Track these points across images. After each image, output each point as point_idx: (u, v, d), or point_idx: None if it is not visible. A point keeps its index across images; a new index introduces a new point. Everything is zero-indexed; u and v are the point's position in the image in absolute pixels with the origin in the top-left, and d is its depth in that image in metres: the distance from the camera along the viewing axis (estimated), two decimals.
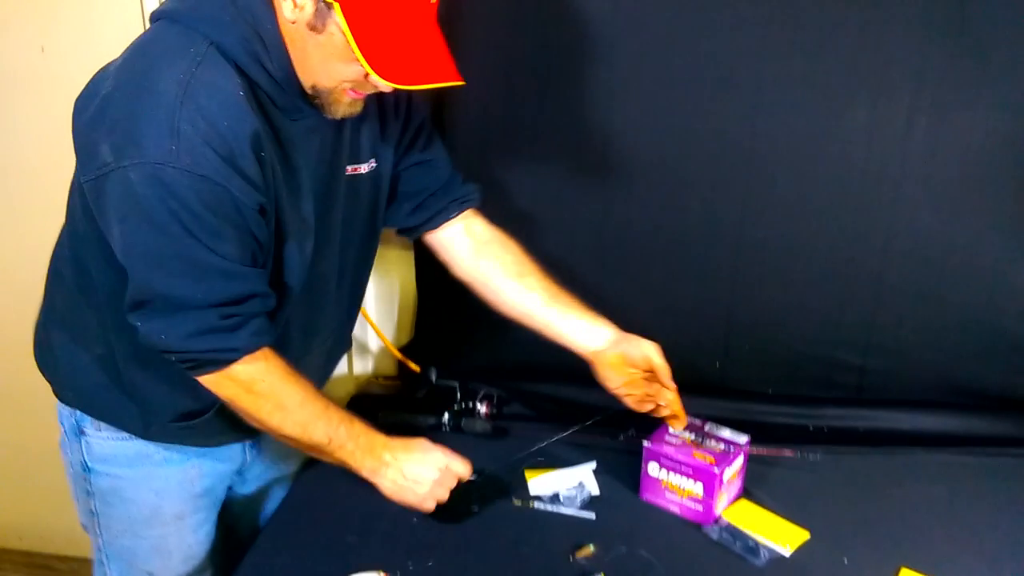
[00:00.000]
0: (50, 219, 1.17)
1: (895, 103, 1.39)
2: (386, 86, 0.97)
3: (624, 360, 1.28)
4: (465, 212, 1.34)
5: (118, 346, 1.12)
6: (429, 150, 1.30)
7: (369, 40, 0.94)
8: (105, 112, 0.94)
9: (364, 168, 1.20)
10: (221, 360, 1.04)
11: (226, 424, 1.20)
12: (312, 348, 1.26)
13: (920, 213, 1.43)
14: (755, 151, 1.46)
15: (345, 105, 1.06)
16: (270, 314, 1.08)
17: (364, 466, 1.18)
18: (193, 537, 1.25)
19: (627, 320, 1.61)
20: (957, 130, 1.39)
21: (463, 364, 1.67)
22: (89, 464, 1.20)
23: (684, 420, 1.32)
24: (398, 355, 1.69)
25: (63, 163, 1.07)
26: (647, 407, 1.30)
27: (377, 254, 1.38)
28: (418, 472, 1.19)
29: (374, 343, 1.77)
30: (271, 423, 1.11)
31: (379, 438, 1.19)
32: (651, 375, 1.28)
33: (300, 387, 1.11)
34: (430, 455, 1.21)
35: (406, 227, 1.36)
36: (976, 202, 1.42)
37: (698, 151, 1.48)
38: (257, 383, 1.07)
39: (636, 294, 1.60)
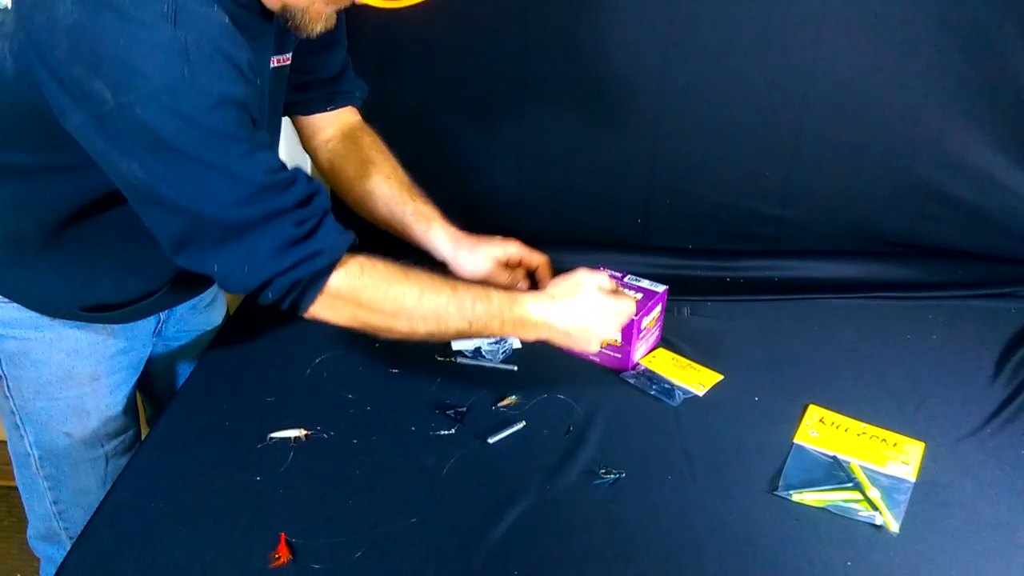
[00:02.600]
0: None
1: None
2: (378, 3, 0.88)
3: (500, 262, 1.27)
4: (345, 108, 1.30)
5: (29, 227, 1.05)
6: (331, 32, 1.22)
7: None
8: (81, 43, 0.83)
9: (288, 59, 1.12)
10: (313, 272, 0.97)
11: (137, 312, 1.16)
12: None
13: (839, 58, 1.42)
14: None
15: (323, 21, 0.98)
16: None
17: (522, 336, 1.11)
18: (111, 398, 1.21)
19: (550, 177, 1.59)
20: None
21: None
22: None
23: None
24: None
25: None
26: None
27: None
28: (587, 331, 1.11)
29: None
30: (403, 330, 1.04)
31: (526, 304, 1.09)
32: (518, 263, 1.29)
33: (413, 280, 1.04)
34: (596, 317, 1.11)
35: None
36: (895, 47, 1.41)
37: None
38: (363, 292, 1.01)
39: (559, 150, 1.57)
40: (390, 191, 1.28)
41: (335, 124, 1.31)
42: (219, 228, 0.92)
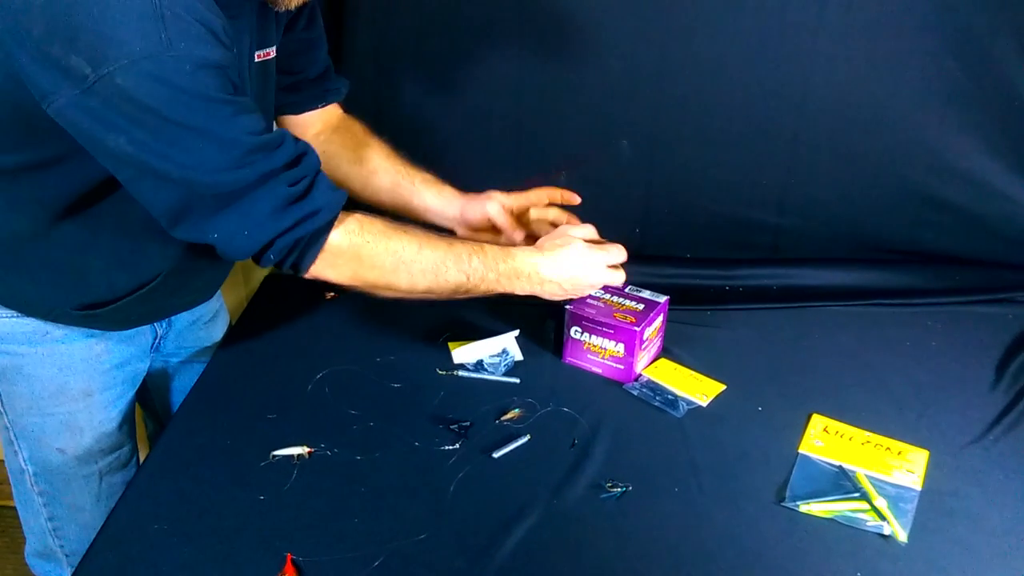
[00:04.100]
0: None
1: None
2: None
3: (468, 224, 1.32)
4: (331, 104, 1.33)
5: (20, 227, 1.04)
6: (311, 29, 1.24)
7: None
8: (56, 20, 0.81)
9: (272, 52, 1.13)
10: (314, 231, 0.98)
11: (132, 313, 1.15)
12: None
13: (835, 67, 1.43)
14: (673, 7, 1.42)
15: None
16: None
17: (516, 290, 1.17)
18: (104, 414, 1.20)
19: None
20: None
21: None
22: None
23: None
24: None
25: None
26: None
27: None
28: (577, 280, 1.20)
29: None
30: (402, 286, 1.08)
31: (520, 258, 1.16)
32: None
33: (412, 235, 1.08)
34: (585, 266, 1.20)
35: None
36: (890, 56, 1.42)
37: (615, 7, 1.43)
38: (364, 247, 1.03)
39: (555, 160, 1.57)
40: (392, 167, 1.32)
41: (323, 119, 1.33)
42: (213, 195, 0.91)
